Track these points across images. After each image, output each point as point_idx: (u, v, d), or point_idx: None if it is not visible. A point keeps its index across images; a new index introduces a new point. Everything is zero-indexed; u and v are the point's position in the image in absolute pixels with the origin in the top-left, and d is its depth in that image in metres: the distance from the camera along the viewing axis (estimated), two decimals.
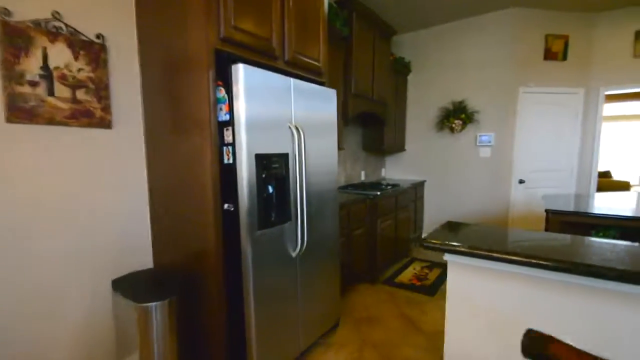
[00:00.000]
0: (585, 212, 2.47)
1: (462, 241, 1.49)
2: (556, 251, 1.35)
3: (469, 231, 1.73)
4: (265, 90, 1.77)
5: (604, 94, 4.56)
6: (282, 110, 1.89)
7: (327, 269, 2.39)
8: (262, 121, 1.75)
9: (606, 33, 4.42)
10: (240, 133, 1.66)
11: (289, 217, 1.97)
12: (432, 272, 3.65)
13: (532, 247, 1.40)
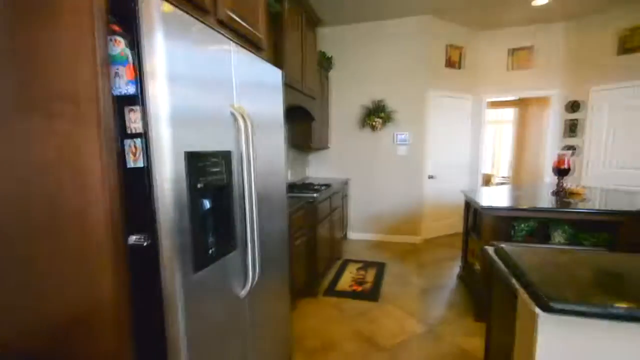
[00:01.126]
0: (514, 208, 2.36)
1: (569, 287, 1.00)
2: None
3: (542, 263, 1.21)
4: (197, 53, 1.04)
5: (486, 101, 4.93)
6: (222, 87, 1.19)
7: (281, 300, 1.77)
8: (194, 101, 1.03)
9: (488, 48, 4.75)
10: (158, 117, 0.91)
11: (234, 244, 1.28)
12: (368, 273, 3.31)
13: None
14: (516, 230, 2.40)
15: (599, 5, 3.93)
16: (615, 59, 4.00)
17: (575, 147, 4.48)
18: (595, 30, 4.15)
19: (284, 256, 1.84)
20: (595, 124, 4.27)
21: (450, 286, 3.03)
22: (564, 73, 4.51)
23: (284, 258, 1.84)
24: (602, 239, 2.16)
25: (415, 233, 4.52)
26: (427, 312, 2.54)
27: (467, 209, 3.19)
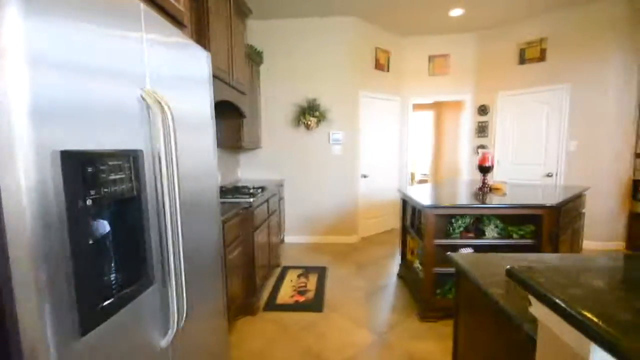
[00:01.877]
0: (455, 205, 2.40)
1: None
2: None
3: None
4: (83, 18, 0.68)
5: (412, 103, 5.16)
6: (127, 67, 0.83)
7: (215, 332, 1.42)
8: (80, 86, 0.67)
9: (412, 54, 4.97)
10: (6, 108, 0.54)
11: (150, 278, 0.92)
12: (309, 279, 3.10)
13: None
14: (454, 227, 2.44)
15: (503, 19, 4.37)
16: (517, 68, 4.51)
17: (485, 146, 4.94)
18: (500, 42, 4.62)
19: (217, 276, 1.50)
20: (500, 126, 4.76)
21: (391, 286, 2.99)
22: (475, 79, 4.94)
23: (217, 278, 1.50)
24: (529, 231, 2.31)
25: (352, 232, 4.47)
26: (374, 318, 2.42)
27: (404, 207, 3.21)
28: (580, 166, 4.04)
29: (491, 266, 1.06)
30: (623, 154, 3.82)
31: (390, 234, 4.87)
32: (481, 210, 2.30)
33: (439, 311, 2.36)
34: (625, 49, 3.70)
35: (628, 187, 3.84)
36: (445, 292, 2.41)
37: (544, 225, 2.22)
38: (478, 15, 4.21)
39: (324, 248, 4.14)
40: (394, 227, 5.16)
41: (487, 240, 2.35)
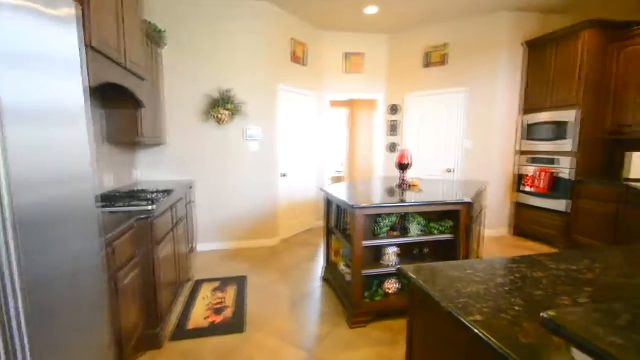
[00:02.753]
0: (385, 205, 2.36)
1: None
2: None
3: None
4: None
5: (328, 100, 5.12)
6: None
7: None
8: None
9: (328, 50, 4.93)
10: None
11: None
12: (227, 293, 2.73)
13: None
14: (380, 227, 2.40)
15: (412, 23, 4.63)
16: (423, 71, 4.84)
17: (396, 144, 5.21)
18: (409, 45, 4.90)
19: (99, 309, 1.09)
20: (408, 125, 5.08)
21: (317, 291, 2.84)
22: (387, 79, 5.16)
23: (100, 311, 1.09)
24: (448, 226, 2.41)
25: (272, 235, 4.20)
26: (302, 332, 2.22)
27: (328, 208, 3.09)
28: (475, 163, 4.55)
29: (446, 279, 0.95)
30: (508, 151, 4.45)
31: (310, 233, 4.76)
32: (407, 209, 2.30)
33: (368, 315, 2.29)
34: (511, 59, 4.29)
35: (512, 181, 4.49)
36: (372, 294, 2.36)
37: (461, 219, 2.34)
38: (391, 17, 4.35)
39: (243, 254, 3.78)
40: (313, 226, 5.07)
41: (411, 238, 2.37)
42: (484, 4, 4.03)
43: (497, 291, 0.87)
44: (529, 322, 0.70)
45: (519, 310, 0.75)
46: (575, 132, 3.67)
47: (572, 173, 3.71)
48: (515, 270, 1.00)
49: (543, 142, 4.06)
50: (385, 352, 1.97)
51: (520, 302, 0.80)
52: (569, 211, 3.75)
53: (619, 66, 3.54)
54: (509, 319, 0.72)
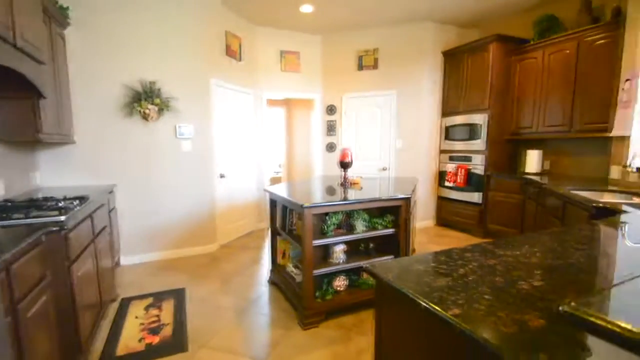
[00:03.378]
0: (334, 203, 2.35)
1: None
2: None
3: None
4: None
5: (266, 98, 5.00)
6: None
7: None
8: None
9: (264, 46, 4.81)
10: None
11: None
12: (163, 309, 2.44)
13: None
14: (328, 225, 2.39)
15: (344, 26, 4.76)
16: (357, 74, 5.02)
17: (334, 144, 5.32)
18: (343, 48, 5.03)
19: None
20: (346, 125, 5.23)
21: (264, 296, 2.72)
22: (324, 80, 5.22)
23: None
24: (389, 221, 2.52)
25: (210, 241, 3.91)
26: (253, 341, 2.09)
27: (273, 208, 2.98)
28: (405, 161, 4.89)
29: (414, 274, 0.96)
30: (433, 150, 4.88)
31: (252, 236, 4.57)
32: (354, 206, 2.33)
33: (320, 314, 2.26)
34: (433, 66, 4.70)
35: (436, 177, 4.94)
36: (323, 293, 2.34)
37: (401, 214, 2.46)
38: (325, 18, 4.41)
39: (178, 264, 3.43)
40: (254, 229, 4.89)
41: (358, 234, 2.42)
42: (409, 14, 4.34)
43: (462, 282, 0.90)
44: (502, 310, 0.74)
45: (489, 299, 0.79)
46: (485, 133, 4.20)
47: (483, 169, 4.24)
48: (472, 259, 1.07)
49: (459, 142, 4.55)
50: (339, 350, 1.96)
51: (487, 290, 0.84)
52: (482, 202, 4.27)
53: (518, 76, 4.14)
54: (483, 309, 0.75)
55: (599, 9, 3.53)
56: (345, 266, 2.38)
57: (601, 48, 3.30)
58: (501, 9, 4.25)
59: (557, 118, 3.70)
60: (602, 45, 3.29)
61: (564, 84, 3.61)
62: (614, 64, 3.17)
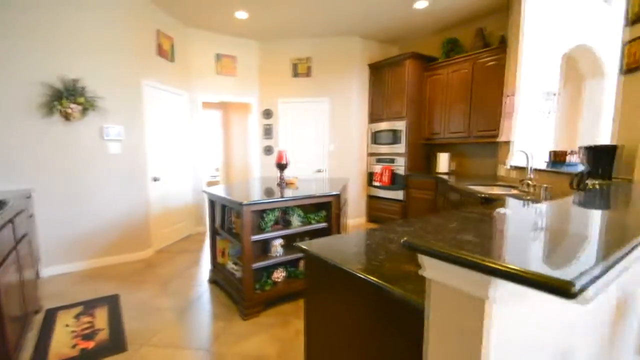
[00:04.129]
0: (271, 200, 2.54)
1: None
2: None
3: None
4: None
5: (201, 101, 4.99)
6: None
7: None
8: None
9: (198, 48, 4.83)
10: None
11: None
12: (96, 316, 2.37)
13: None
14: (266, 221, 2.59)
15: (279, 34, 5.00)
16: (292, 80, 5.29)
17: (272, 147, 5.51)
18: (278, 54, 5.26)
19: None
20: (282, 129, 5.46)
21: (205, 295, 2.80)
22: (260, 85, 5.38)
23: None
24: (322, 216, 2.81)
25: (144, 247, 3.79)
26: (195, 334, 2.19)
27: (212, 209, 3.06)
28: (338, 163, 5.30)
29: (332, 248, 1.23)
30: (362, 153, 5.37)
31: (189, 240, 4.52)
32: (289, 203, 2.57)
33: (259, 305, 2.45)
34: (361, 76, 5.19)
35: (366, 177, 5.45)
36: (262, 285, 2.53)
37: (332, 209, 2.78)
38: (260, 25, 4.59)
39: (108, 273, 3.28)
40: (192, 232, 4.82)
41: (294, 229, 2.66)
42: (337, 28, 4.76)
43: (367, 249, 1.21)
44: (390, 263, 1.04)
45: (382, 259, 1.09)
46: (405, 138, 4.80)
47: (404, 170, 4.83)
48: (378, 235, 1.38)
49: (385, 145, 5.10)
50: (279, 333, 2.18)
51: (383, 252, 1.15)
52: (404, 199, 4.86)
53: (429, 89, 4.83)
54: (377, 264, 1.05)
55: (489, 36, 4.33)
56: (283, 259, 2.61)
57: (491, 69, 4.06)
58: (415, 30, 4.92)
59: (458, 126, 4.43)
60: (491, 67, 4.06)
61: (463, 97, 4.35)
62: (501, 82, 3.94)
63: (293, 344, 2.05)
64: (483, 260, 0.51)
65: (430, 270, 0.65)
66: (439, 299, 0.65)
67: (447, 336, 0.64)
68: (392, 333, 0.90)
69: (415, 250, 0.63)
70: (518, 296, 0.60)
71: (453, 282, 0.61)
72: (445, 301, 0.64)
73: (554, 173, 2.59)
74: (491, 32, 4.31)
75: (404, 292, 0.84)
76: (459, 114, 4.42)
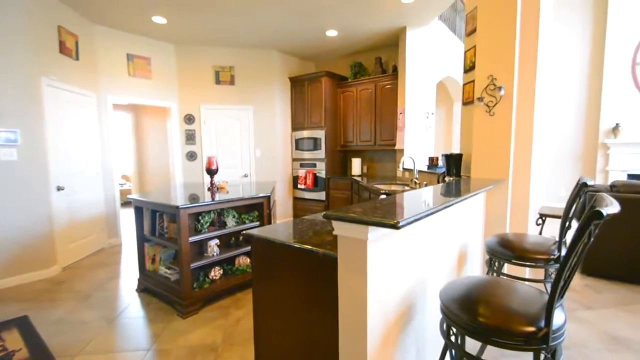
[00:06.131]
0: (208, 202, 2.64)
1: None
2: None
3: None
4: None
5: (111, 103, 4.68)
6: None
7: None
8: None
9: (108, 47, 4.56)
10: None
11: None
12: (7, 340, 2.13)
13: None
14: (202, 224, 2.68)
15: (199, 41, 5.01)
16: (214, 87, 5.33)
17: (195, 152, 5.41)
18: (199, 60, 5.25)
19: None
20: (206, 134, 5.42)
21: (135, 303, 2.72)
22: (180, 90, 5.27)
23: None
24: (255, 216, 3.02)
25: (48, 264, 3.39)
26: (133, 339, 2.17)
27: (139, 216, 2.97)
28: (264, 168, 5.53)
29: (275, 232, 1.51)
30: (287, 159, 5.70)
31: (103, 254, 4.15)
32: (224, 205, 2.73)
33: (199, 302, 2.54)
34: (282, 88, 5.53)
35: (291, 181, 5.78)
36: (200, 283, 2.62)
37: (264, 209, 3.02)
38: (179, 30, 4.55)
39: (9, 295, 2.87)
40: (105, 246, 4.42)
41: (229, 229, 2.82)
42: (258, 41, 5.04)
43: (300, 230, 1.53)
44: (316, 237, 1.39)
45: (310, 235, 1.43)
46: (324, 145, 5.32)
47: (325, 173, 5.34)
48: (306, 221, 1.72)
49: (307, 151, 5.55)
50: (220, 324, 2.32)
51: (310, 232, 1.49)
52: (326, 199, 5.36)
53: (342, 103, 5.46)
54: (308, 238, 1.38)
55: (386, 64, 5.18)
56: (220, 257, 2.74)
57: (388, 90, 4.87)
58: (329, 52, 5.53)
59: (366, 135, 5.15)
60: (388, 89, 4.87)
61: (369, 112, 5.09)
62: (395, 101, 4.76)
63: (236, 330, 2.24)
64: (361, 217, 0.98)
65: (338, 230, 1.06)
66: (343, 246, 1.10)
67: (349, 267, 1.10)
68: (318, 284, 1.27)
69: (329, 218, 1.04)
70: (382, 237, 1.08)
71: (349, 234, 1.06)
72: (346, 246, 1.09)
73: (430, 173, 3.42)
74: (387, 61, 5.18)
75: (325, 250, 1.22)
76: (367, 125, 5.14)
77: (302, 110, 5.60)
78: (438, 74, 5.18)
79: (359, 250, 1.05)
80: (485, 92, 2.51)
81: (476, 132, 2.58)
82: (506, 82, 2.41)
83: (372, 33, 4.67)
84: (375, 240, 1.06)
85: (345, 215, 1.01)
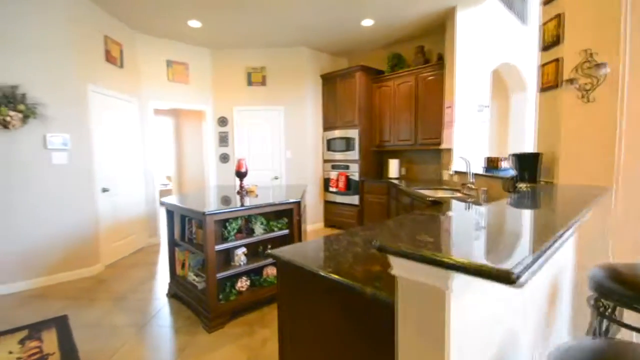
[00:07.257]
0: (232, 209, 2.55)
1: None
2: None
3: None
4: None
5: (152, 108, 4.81)
6: None
7: None
8: None
9: (148, 54, 4.67)
10: None
11: None
12: (44, 340, 2.18)
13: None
14: (229, 230, 2.59)
15: (232, 43, 4.99)
16: (247, 88, 5.29)
17: (227, 154, 5.44)
18: (232, 63, 5.23)
19: None
20: (238, 137, 5.42)
21: (164, 309, 2.70)
22: (214, 92, 5.31)
23: None
24: (284, 223, 2.88)
25: (92, 262, 3.53)
26: (158, 351, 2.12)
27: (171, 220, 2.97)
28: (295, 170, 5.40)
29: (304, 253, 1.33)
30: (318, 160, 5.53)
31: (143, 253, 4.28)
32: (252, 211, 2.60)
33: (225, 316, 2.43)
34: (314, 86, 5.36)
35: (322, 184, 5.61)
36: (227, 295, 2.52)
37: (294, 216, 2.87)
38: (213, 33, 4.56)
39: (54, 291, 3.02)
40: (145, 245, 4.57)
41: (256, 237, 2.70)
42: (289, 40, 4.89)
43: (336, 253, 1.32)
44: (357, 266, 1.17)
45: (350, 262, 1.22)
46: (358, 145, 5.05)
47: (358, 175, 5.08)
48: (343, 239, 1.51)
49: (339, 152, 5.32)
50: (246, 342, 2.20)
51: (350, 256, 1.27)
52: (360, 204, 5.11)
53: (378, 100, 5.15)
54: (347, 266, 1.16)
55: (429, 53, 4.76)
56: (247, 267, 2.63)
57: (431, 82, 4.47)
58: (363, 45, 5.22)
59: (405, 134, 4.80)
60: (432, 80, 4.47)
61: (408, 107, 4.73)
62: (441, 94, 4.35)
63: (261, 353, 2.09)
64: (442, 257, 0.62)
65: (398, 269, 0.77)
66: (406, 292, 0.77)
67: (415, 324, 0.76)
68: (363, 330, 1.01)
69: (385, 252, 0.73)
70: (470, 286, 0.74)
71: (418, 277, 0.73)
72: (412, 294, 0.75)
73: (490, 177, 2.94)
74: (430, 49, 4.74)
75: (374, 290, 0.95)
76: (406, 122, 4.78)
77: (334, 109, 5.37)
78: (493, 60, 4.58)
79: (433, 302, 0.70)
80: (578, 72, 1.92)
81: (565, 125, 1.99)
82: (611, 58, 1.79)
83: (414, 18, 4.23)
84: (459, 289, 0.69)
85: (415, 252, 0.65)
